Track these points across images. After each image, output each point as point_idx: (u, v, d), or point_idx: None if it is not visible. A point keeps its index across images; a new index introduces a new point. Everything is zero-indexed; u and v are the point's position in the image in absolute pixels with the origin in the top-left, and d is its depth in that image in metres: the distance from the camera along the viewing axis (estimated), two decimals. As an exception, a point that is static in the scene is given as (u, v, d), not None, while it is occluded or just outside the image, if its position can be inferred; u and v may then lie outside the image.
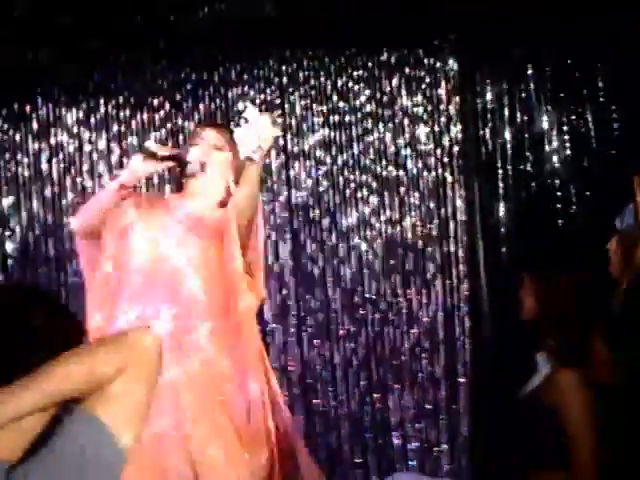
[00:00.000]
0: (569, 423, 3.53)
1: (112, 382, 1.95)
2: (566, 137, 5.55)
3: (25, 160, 5.41)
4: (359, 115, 5.64)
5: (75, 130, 5.48)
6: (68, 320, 2.12)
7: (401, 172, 5.63)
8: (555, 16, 5.33)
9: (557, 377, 3.62)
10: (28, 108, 5.42)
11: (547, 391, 3.65)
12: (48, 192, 5.40)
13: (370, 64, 5.64)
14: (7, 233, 5.35)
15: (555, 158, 5.56)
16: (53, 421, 1.97)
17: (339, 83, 5.64)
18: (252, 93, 5.59)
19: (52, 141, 5.44)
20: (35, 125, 5.43)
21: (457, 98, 5.63)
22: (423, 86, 5.65)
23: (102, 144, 5.47)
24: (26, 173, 5.41)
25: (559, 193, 5.53)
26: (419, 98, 5.65)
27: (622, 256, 4.15)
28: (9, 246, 5.33)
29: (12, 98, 5.41)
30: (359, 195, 5.61)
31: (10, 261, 5.33)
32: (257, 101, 5.57)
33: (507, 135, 5.58)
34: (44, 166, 5.42)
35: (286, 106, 5.60)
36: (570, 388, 3.57)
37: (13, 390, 1.91)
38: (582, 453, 3.51)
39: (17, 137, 5.41)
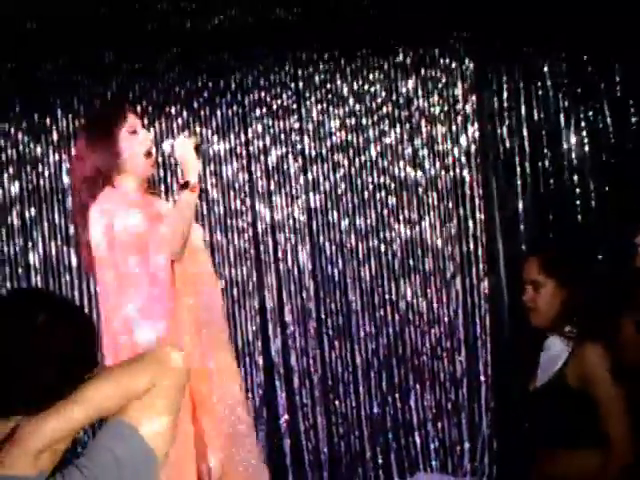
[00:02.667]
0: (600, 396, 3.55)
1: (143, 395, 2.06)
2: (584, 133, 5.50)
3: (46, 172, 5.50)
4: (376, 117, 5.65)
5: (95, 140, 5.53)
6: (77, 322, 2.19)
7: (419, 173, 5.64)
8: (570, 12, 5.30)
9: (581, 352, 3.62)
10: (48, 120, 5.49)
11: (571, 370, 3.65)
12: (69, 203, 5.47)
13: (385, 66, 5.64)
14: (30, 244, 5.44)
15: (573, 154, 5.52)
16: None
17: (355, 86, 5.65)
18: (269, 99, 5.63)
19: (73, 152, 5.49)
20: (55, 137, 5.51)
21: (474, 97, 5.62)
22: (439, 86, 5.64)
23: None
24: (47, 185, 5.50)
25: (578, 189, 5.50)
26: (435, 98, 5.64)
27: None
28: (32, 257, 5.43)
29: (32, 111, 5.48)
30: (377, 197, 5.63)
31: (33, 272, 5.43)
32: (274, 106, 5.62)
33: (524, 132, 5.56)
34: (65, 178, 5.49)
35: (303, 110, 5.63)
36: (596, 360, 3.58)
37: (58, 412, 2.01)
38: (616, 425, 3.53)
39: (38, 149, 5.49)
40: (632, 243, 4.16)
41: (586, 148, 5.51)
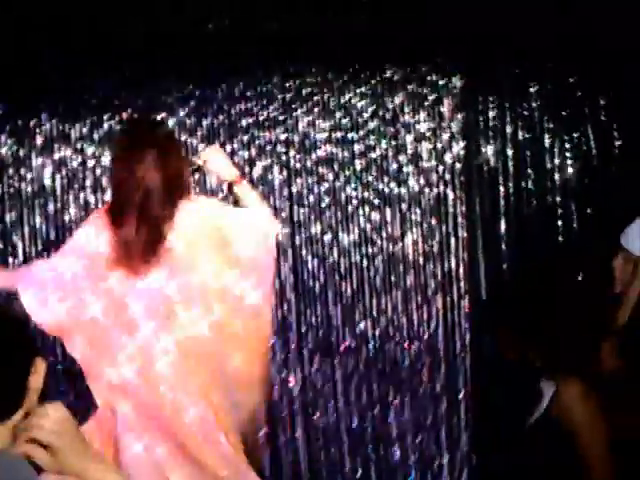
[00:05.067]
0: (579, 436, 3.54)
1: None
2: (568, 154, 5.58)
3: (28, 175, 5.42)
4: (362, 132, 5.65)
5: (79, 145, 5.48)
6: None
7: (403, 189, 5.66)
8: (557, 34, 5.37)
9: (559, 391, 3.62)
10: (32, 123, 5.41)
11: (553, 410, 3.65)
12: (51, 207, 5.41)
13: (373, 81, 5.65)
14: (9, 249, 5.36)
15: (557, 175, 5.59)
16: None
17: (342, 100, 5.65)
18: (255, 109, 5.60)
19: (55, 156, 5.45)
20: (39, 140, 5.43)
21: (460, 115, 5.65)
22: (426, 103, 5.66)
23: (106, 159, 5.45)
24: (29, 188, 5.42)
25: (560, 210, 5.56)
26: (422, 115, 5.66)
27: (627, 273, 4.21)
28: (11, 262, 5.34)
29: (16, 113, 5.41)
30: (361, 211, 5.63)
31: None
32: (261, 117, 5.60)
33: (509, 152, 5.61)
34: (47, 181, 5.43)
35: (289, 122, 5.62)
36: (574, 400, 3.56)
37: None
38: (596, 466, 3.52)
39: (21, 152, 5.41)
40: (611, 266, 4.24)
41: (569, 170, 5.58)
